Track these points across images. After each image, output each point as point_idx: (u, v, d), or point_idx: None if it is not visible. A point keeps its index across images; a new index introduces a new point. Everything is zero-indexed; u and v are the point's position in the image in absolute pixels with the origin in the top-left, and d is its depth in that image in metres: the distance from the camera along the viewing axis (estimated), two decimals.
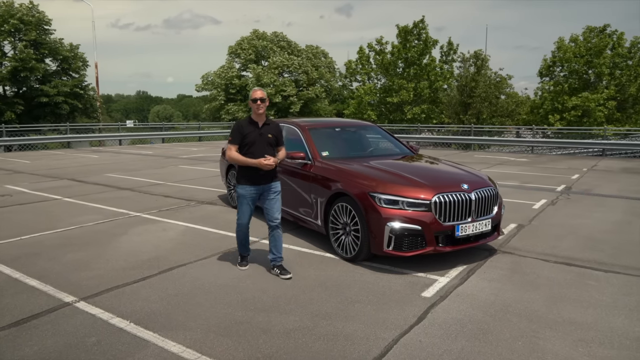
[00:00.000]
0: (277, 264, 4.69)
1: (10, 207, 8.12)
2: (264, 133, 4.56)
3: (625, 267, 4.81)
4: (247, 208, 4.67)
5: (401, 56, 33.73)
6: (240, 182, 4.62)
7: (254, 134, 4.54)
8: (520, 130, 26.56)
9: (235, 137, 4.56)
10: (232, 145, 4.58)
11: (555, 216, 7.21)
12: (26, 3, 24.09)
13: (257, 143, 4.52)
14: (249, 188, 4.58)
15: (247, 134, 4.53)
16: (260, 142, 4.53)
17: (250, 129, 4.56)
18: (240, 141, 4.55)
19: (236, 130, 4.59)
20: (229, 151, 4.58)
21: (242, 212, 4.68)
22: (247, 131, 4.54)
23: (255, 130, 4.56)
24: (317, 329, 3.47)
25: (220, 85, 34.90)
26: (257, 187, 4.58)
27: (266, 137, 4.56)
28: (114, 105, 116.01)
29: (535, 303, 3.92)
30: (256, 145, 4.51)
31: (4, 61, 23.29)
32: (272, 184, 4.63)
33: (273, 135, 4.61)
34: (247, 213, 4.69)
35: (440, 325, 3.52)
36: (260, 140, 4.54)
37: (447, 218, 4.57)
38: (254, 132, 4.55)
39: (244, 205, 4.66)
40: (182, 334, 3.39)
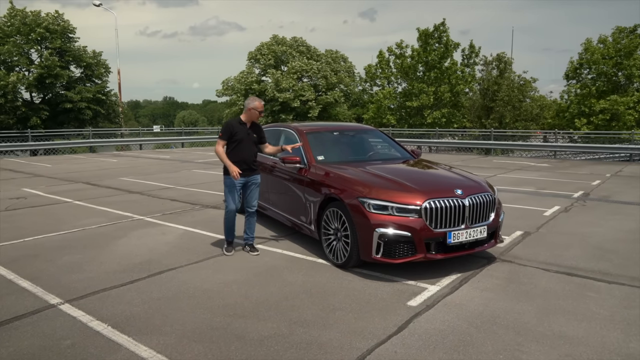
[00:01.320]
0: (249, 243, 5.55)
1: (22, 209, 8.33)
2: (250, 133, 5.34)
3: (631, 279, 4.56)
4: (236, 194, 5.33)
5: (421, 60, 33.37)
6: (228, 174, 5.23)
7: (243, 133, 5.27)
8: (548, 135, 25.79)
9: (225, 134, 5.26)
10: (220, 141, 5.27)
11: (566, 224, 6.93)
12: (52, 12, 24.93)
13: (244, 141, 5.27)
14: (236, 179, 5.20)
15: (237, 132, 5.24)
16: (247, 140, 5.30)
17: (240, 129, 5.28)
18: (229, 138, 5.24)
19: (227, 128, 5.30)
20: (217, 145, 5.26)
21: (231, 200, 5.32)
22: (236, 130, 5.25)
23: (243, 130, 5.29)
24: (292, 336, 3.38)
25: (240, 90, 35.24)
26: (242, 178, 5.27)
27: (252, 136, 5.36)
28: (141, 110, 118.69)
29: (526, 315, 3.73)
30: (243, 142, 5.26)
31: (31, 68, 24.07)
32: (254, 176, 5.40)
33: (257, 135, 5.42)
34: (234, 201, 5.32)
35: (420, 335, 3.38)
36: (247, 138, 5.30)
37: (438, 224, 4.42)
38: (243, 131, 5.28)
39: (233, 193, 5.30)
40: (156, 339, 3.36)
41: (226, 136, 5.22)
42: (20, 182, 11.93)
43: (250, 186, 5.37)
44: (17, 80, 22.66)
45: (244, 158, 5.23)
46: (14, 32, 24.08)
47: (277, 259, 5.28)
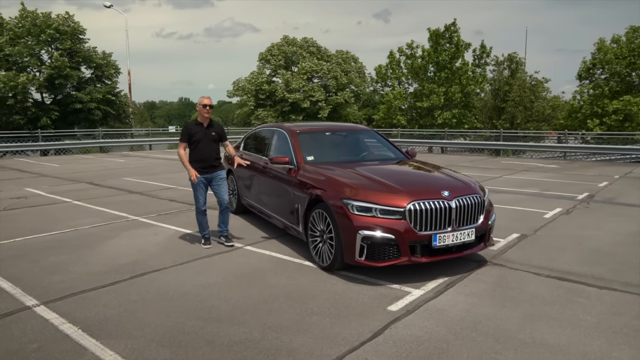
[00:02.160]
0: (224, 235, 5.83)
1: (20, 209, 8.38)
2: (208, 132, 5.59)
3: (624, 284, 4.38)
4: (202, 192, 5.67)
5: (432, 60, 33.08)
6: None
7: (200, 133, 5.55)
8: (562, 136, 25.22)
9: (184, 136, 5.58)
10: (181, 144, 5.63)
11: (565, 226, 6.73)
12: (62, 14, 25.25)
13: (203, 141, 5.55)
14: (200, 176, 5.58)
15: (195, 133, 5.54)
16: (206, 139, 5.57)
17: (197, 129, 5.56)
18: (188, 139, 5.56)
19: (185, 130, 5.60)
20: (179, 148, 5.64)
21: (199, 196, 5.67)
22: (194, 131, 5.55)
23: (201, 130, 5.57)
24: (263, 342, 3.30)
25: (251, 91, 35.32)
26: (206, 175, 5.63)
27: (210, 135, 5.60)
28: (157, 111, 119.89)
29: (509, 321, 3.59)
30: (202, 142, 5.55)
31: (42, 69, 24.41)
32: (217, 172, 5.71)
33: (216, 134, 5.66)
34: (203, 197, 5.68)
35: (395, 342, 3.27)
36: (206, 138, 5.57)
37: (423, 227, 4.30)
38: (201, 131, 5.56)
39: (199, 190, 5.65)
40: (124, 343, 3.30)
41: (185, 138, 5.57)
42: (24, 182, 12.05)
43: (217, 181, 5.69)
44: (28, 81, 22.99)
45: (204, 157, 5.58)
46: (24, 33, 24.46)
47: (263, 260, 5.20)
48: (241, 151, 7.48)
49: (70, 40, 25.02)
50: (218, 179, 5.69)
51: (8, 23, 24.67)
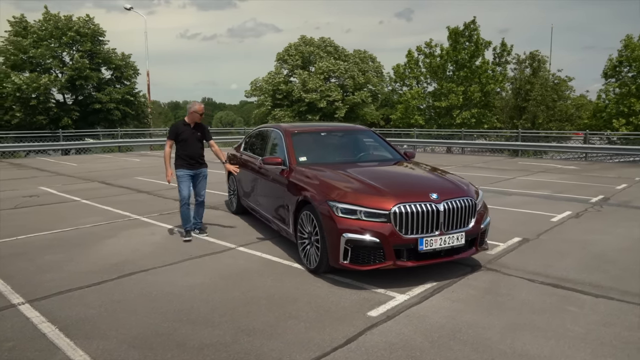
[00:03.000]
0: (198, 227, 6.33)
1: (29, 207, 8.57)
2: (195, 132, 6.09)
3: (623, 293, 4.17)
4: (186, 185, 6.10)
5: (451, 59, 32.58)
6: (179, 167, 6.07)
7: (187, 132, 6.03)
8: (586, 137, 24.36)
9: (171, 134, 6.06)
10: (168, 141, 6.12)
11: (571, 230, 6.49)
12: (83, 16, 25.84)
13: (189, 139, 6.03)
14: (186, 171, 6.10)
15: (182, 132, 6.02)
16: (192, 139, 6.06)
17: (184, 129, 6.04)
18: (176, 137, 6.02)
19: (172, 129, 6.10)
20: (166, 145, 6.13)
21: (183, 190, 6.08)
22: (181, 130, 6.03)
23: (188, 129, 6.05)
24: (234, 345, 3.25)
25: (268, 91, 35.46)
26: (191, 170, 6.12)
27: (196, 135, 6.10)
28: (181, 112, 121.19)
29: (492, 329, 3.46)
30: (189, 141, 6.03)
31: (64, 70, 25.03)
32: (201, 169, 6.21)
33: (201, 133, 6.16)
34: (187, 190, 6.08)
35: (367, 349, 3.18)
36: (192, 137, 6.06)
37: (409, 230, 4.18)
38: (187, 131, 6.04)
39: (183, 184, 6.07)
40: (96, 344, 3.30)
41: (172, 136, 6.06)
42: (40, 181, 12.34)
43: (199, 178, 6.21)
44: (49, 82, 23.60)
45: (190, 154, 6.07)
46: (47, 35, 25.13)
47: (253, 262, 5.17)
48: (241, 151, 7.48)
49: (90, 42, 25.60)
50: (201, 175, 6.23)
51: (32, 26, 25.40)
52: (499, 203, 8.51)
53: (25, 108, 23.99)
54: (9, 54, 24.29)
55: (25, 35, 24.80)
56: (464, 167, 15.08)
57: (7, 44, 24.52)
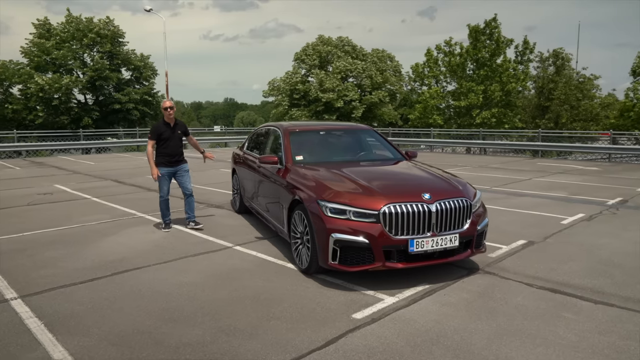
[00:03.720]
0: (191, 220, 6.65)
1: (41, 204, 8.75)
2: (175, 131, 6.42)
3: (625, 299, 3.98)
4: (166, 183, 6.47)
5: (471, 57, 32.06)
6: (159, 165, 6.36)
7: (168, 132, 6.36)
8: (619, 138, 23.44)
9: (153, 135, 6.33)
10: (150, 141, 6.35)
11: (581, 233, 6.26)
12: (103, 18, 26.43)
13: (170, 138, 6.36)
14: (165, 169, 6.41)
15: (162, 132, 6.32)
16: (173, 137, 6.39)
17: (165, 129, 6.37)
18: (157, 137, 6.31)
19: (154, 130, 6.37)
20: (148, 145, 6.36)
21: (162, 186, 6.45)
22: (162, 130, 6.33)
23: (168, 129, 6.38)
24: (211, 345, 3.21)
25: (285, 91, 35.54)
26: (170, 168, 6.45)
27: (177, 133, 6.43)
28: (203, 111, 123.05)
29: (477, 335, 3.33)
30: (170, 140, 6.36)
31: (85, 71, 25.61)
32: (181, 165, 6.54)
33: (181, 132, 6.51)
34: (166, 187, 6.49)
35: (345, 352, 3.09)
36: (173, 136, 6.39)
37: (399, 231, 4.08)
38: (168, 131, 6.37)
39: (163, 181, 6.43)
40: (77, 340, 3.31)
41: (154, 136, 6.32)
42: (57, 179, 12.62)
43: (181, 173, 6.54)
44: (71, 83, 24.17)
45: (170, 152, 6.39)
46: (69, 37, 25.75)
47: (246, 261, 5.13)
48: (244, 150, 7.47)
49: (110, 43, 26.12)
50: (182, 171, 6.56)
51: (55, 29, 26.07)
52: (508, 204, 8.29)
53: (47, 108, 24.65)
54: (33, 56, 24.99)
55: (48, 37, 25.48)
56: (479, 168, 14.79)
57: (32, 46, 25.24)
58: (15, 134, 20.88)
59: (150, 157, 6.32)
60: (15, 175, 13.98)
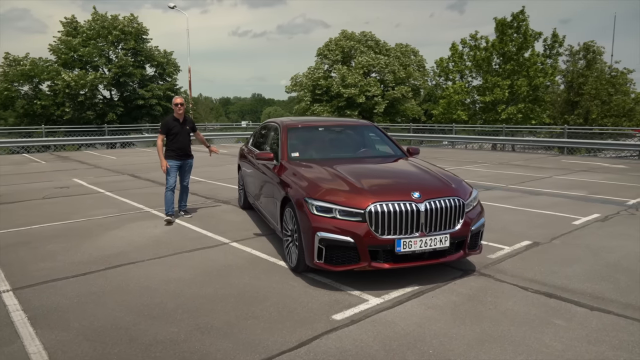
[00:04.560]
0: (183, 209, 7.13)
1: (55, 198, 8.97)
2: (184, 126, 6.78)
3: (624, 306, 3.76)
4: (174, 174, 6.79)
5: (497, 51, 31.20)
6: (168, 158, 6.70)
7: (177, 127, 6.70)
8: None
9: (163, 129, 6.71)
10: (160, 135, 6.74)
11: (592, 235, 5.97)
12: (128, 15, 26.96)
13: (180, 133, 6.71)
14: (173, 162, 6.77)
15: (172, 127, 6.68)
16: (182, 132, 6.75)
17: (175, 124, 6.71)
18: (167, 132, 6.67)
19: (164, 124, 6.73)
20: (158, 139, 6.76)
21: (169, 178, 6.76)
22: (172, 125, 6.68)
23: (177, 124, 6.72)
24: (184, 343, 3.19)
25: (308, 87, 35.46)
26: (179, 161, 6.82)
27: (186, 129, 6.80)
28: (231, 107, 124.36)
29: (458, 341, 3.20)
30: (179, 135, 6.71)
31: (110, 68, 26.20)
32: (188, 160, 6.96)
33: (189, 127, 6.89)
34: (173, 179, 6.77)
35: (316, 355, 3.02)
36: (182, 131, 6.75)
37: (385, 231, 3.96)
38: (177, 126, 6.71)
39: (172, 173, 6.75)
40: (55, 335, 3.35)
41: (164, 130, 6.69)
42: (77, 173, 12.93)
43: (185, 168, 6.94)
44: (96, 79, 24.77)
45: (180, 146, 6.73)
46: (94, 35, 26.37)
47: (239, 258, 5.11)
48: (248, 147, 7.45)
49: (134, 40, 26.62)
50: (188, 165, 6.97)
51: (82, 26, 26.75)
52: (521, 203, 8.01)
53: (74, 104, 25.34)
54: (60, 53, 25.71)
55: (75, 35, 26.16)
56: (499, 165, 14.39)
57: (59, 44, 25.96)
58: (43, 129, 21.53)
59: (160, 150, 6.66)
60: (40, 169, 14.41)
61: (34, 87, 25.64)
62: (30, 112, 25.42)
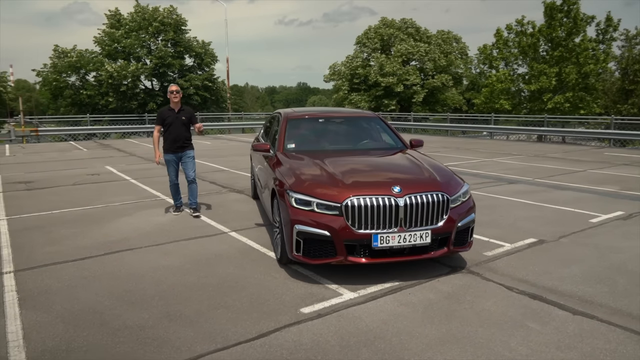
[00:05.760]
0: (192, 207, 6.67)
1: (84, 185, 9.45)
2: (179, 116, 6.37)
3: (613, 311, 3.53)
4: (173, 169, 6.57)
5: (544, 37, 29.67)
6: (165, 151, 6.48)
7: (172, 117, 6.35)
8: None
9: (158, 120, 6.45)
10: (155, 126, 6.47)
11: (606, 234, 5.63)
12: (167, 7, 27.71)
13: (174, 124, 6.35)
14: (171, 155, 6.49)
15: (167, 117, 6.34)
16: (177, 123, 6.36)
17: (169, 114, 6.37)
18: (162, 123, 6.38)
19: (159, 115, 6.47)
20: (154, 130, 6.47)
21: (170, 172, 6.60)
22: (166, 115, 6.36)
23: (172, 114, 6.37)
24: (149, 330, 3.30)
25: (346, 76, 35.22)
26: (175, 154, 6.50)
27: (181, 119, 6.38)
28: (277, 96, 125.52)
29: (419, 340, 3.12)
30: (173, 125, 6.35)
31: (150, 59, 27.11)
32: (186, 151, 6.55)
33: (186, 118, 6.44)
34: (173, 172, 6.58)
35: (270, 347, 3.04)
36: (177, 122, 6.35)
37: (362, 225, 3.90)
38: (172, 116, 6.36)
39: (170, 167, 6.55)
40: (36, 316, 3.55)
41: (159, 121, 6.44)
42: (112, 160, 13.54)
43: (185, 159, 6.53)
44: (137, 70, 25.72)
45: (174, 138, 6.40)
46: (136, 27, 27.33)
47: (232, 247, 5.20)
48: (258, 137, 7.53)
49: (173, 31, 27.37)
50: (186, 157, 6.56)
51: (125, 18, 27.79)
52: (542, 199, 7.65)
53: (117, 94, 26.47)
54: (104, 45, 26.85)
55: (118, 27, 27.22)
56: (533, 157, 13.78)
57: (103, 36, 27.11)
58: (88, 118, 22.63)
59: (155, 141, 6.47)
60: (80, 156, 15.19)
61: (80, 77, 26.95)
62: (77, 102, 26.79)
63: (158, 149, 6.50)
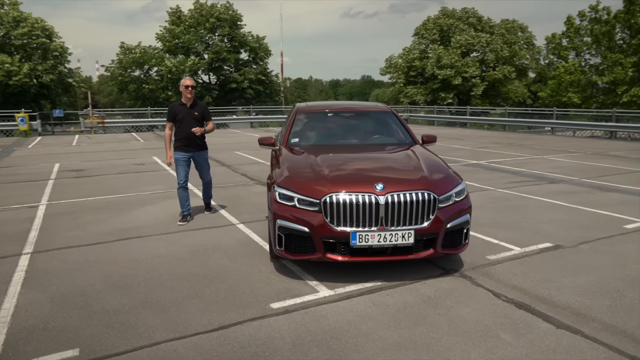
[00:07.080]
0: (206, 203, 6.47)
1: (127, 174, 10.03)
2: (191, 112, 5.88)
3: (604, 327, 3.21)
4: (182, 169, 5.98)
5: (622, 24, 27.28)
6: (176, 149, 5.97)
7: (183, 113, 5.86)
8: None
9: (168, 116, 5.97)
10: (167, 123, 6.02)
11: (635, 242, 5.12)
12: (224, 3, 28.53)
13: (185, 120, 5.84)
14: (182, 154, 5.97)
15: (178, 113, 5.87)
16: (188, 119, 5.85)
17: (181, 109, 5.89)
18: (173, 119, 5.91)
19: (169, 110, 6.02)
20: (166, 128, 6.08)
21: (179, 173, 5.98)
22: (177, 111, 5.89)
23: (184, 110, 5.88)
24: (122, 315, 3.46)
25: (402, 68, 34.48)
26: (187, 153, 5.98)
27: (193, 115, 5.88)
28: (340, 89, 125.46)
29: (376, 344, 3.02)
30: (185, 121, 5.85)
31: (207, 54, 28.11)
32: (199, 152, 6.07)
33: (199, 113, 5.94)
34: (183, 173, 5.97)
35: (225, 340, 3.08)
36: (188, 117, 5.85)
37: (341, 222, 3.83)
38: (183, 111, 5.87)
39: (179, 167, 5.97)
40: (32, 295, 3.83)
41: (170, 118, 5.95)
42: (159, 152, 14.23)
43: (199, 162, 6.12)
44: (194, 65, 26.78)
45: (186, 136, 5.87)
46: (195, 23, 28.43)
47: (233, 239, 5.30)
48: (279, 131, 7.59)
49: (229, 26, 28.17)
50: (200, 158, 6.11)
51: (185, 15, 29.01)
52: (579, 200, 7.09)
53: (176, 88, 27.73)
54: (165, 41, 28.21)
55: (178, 23, 28.47)
56: (591, 155, 12.77)
57: (164, 32, 28.48)
58: (149, 110, 23.93)
59: (167, 140, 5.98)
60: (135, 147, 16.14)
61: (144, 72, 28.54)
62: (140, 95, 28.42)
63: (170, 149, 5.99)
